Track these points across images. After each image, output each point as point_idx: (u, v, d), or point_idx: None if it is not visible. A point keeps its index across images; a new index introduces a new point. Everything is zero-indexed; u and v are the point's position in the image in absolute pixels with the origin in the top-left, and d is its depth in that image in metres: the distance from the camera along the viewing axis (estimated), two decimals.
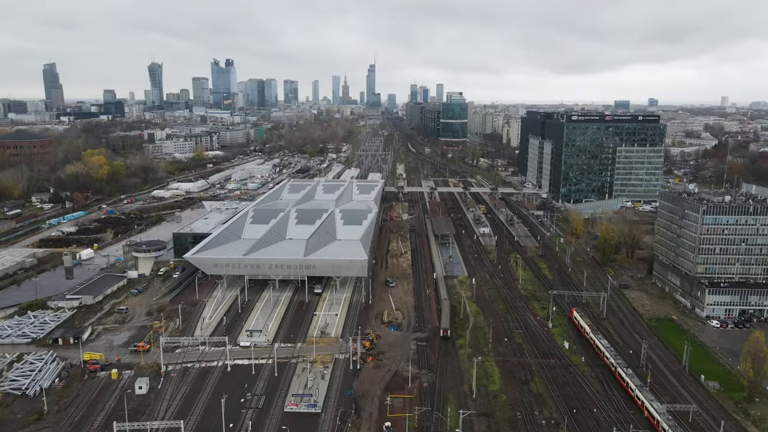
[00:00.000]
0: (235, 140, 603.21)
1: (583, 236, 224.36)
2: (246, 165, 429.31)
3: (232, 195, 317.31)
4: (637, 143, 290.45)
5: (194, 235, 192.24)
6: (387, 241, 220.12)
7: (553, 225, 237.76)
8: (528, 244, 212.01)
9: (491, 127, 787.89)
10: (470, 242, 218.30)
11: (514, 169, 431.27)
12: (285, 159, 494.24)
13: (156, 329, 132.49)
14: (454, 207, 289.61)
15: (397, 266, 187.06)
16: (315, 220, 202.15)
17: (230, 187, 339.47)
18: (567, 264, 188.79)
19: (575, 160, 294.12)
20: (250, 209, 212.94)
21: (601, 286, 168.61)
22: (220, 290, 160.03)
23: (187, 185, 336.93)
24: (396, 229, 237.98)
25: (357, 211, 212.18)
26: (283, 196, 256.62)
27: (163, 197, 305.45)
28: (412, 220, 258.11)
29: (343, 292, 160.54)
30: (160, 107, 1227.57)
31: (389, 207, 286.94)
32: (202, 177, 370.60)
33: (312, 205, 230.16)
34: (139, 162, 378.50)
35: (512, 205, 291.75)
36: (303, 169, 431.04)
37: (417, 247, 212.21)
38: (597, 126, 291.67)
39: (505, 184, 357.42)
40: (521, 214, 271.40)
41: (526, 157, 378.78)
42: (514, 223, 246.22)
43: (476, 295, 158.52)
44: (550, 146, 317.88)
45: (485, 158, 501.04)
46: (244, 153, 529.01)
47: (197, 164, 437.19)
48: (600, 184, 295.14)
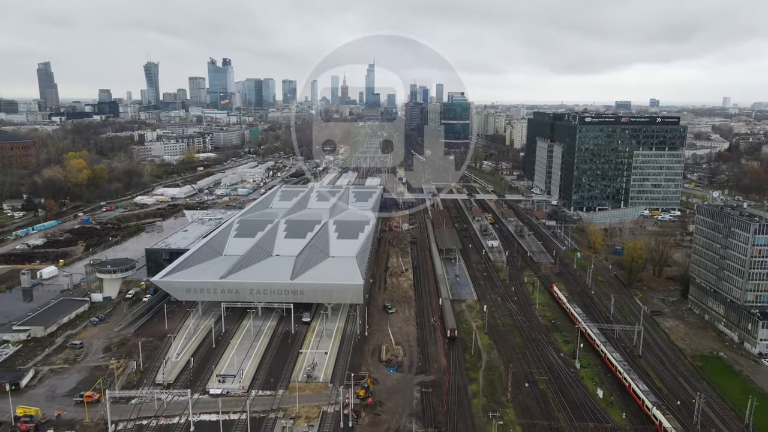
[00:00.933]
0: (229, 141, 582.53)
1: (602, 250, 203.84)
2: (238, 168, 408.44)
3: (220, 202, 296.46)
4: (655, 147, 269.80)
5: (170, 251, 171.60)
6: (386, 255, 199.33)
7: (569, 238, 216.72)
8: (542, 260, 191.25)
9: (493, 128, 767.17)
10: (478, 257, 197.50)
11: (520, 173, 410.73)
12: (279, 161, 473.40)
13: (112, 371, 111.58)
14: (458, 215, 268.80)
15: (397, 287, 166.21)
16: (306, 233, 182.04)
17: (219, 193, 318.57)
18: (588, 284, 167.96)
19: (588, 165, 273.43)
20: (235, 220, 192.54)
21: (630, 312, 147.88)
22: (194, 319, 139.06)
23: (174, 191, 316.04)
24: (396, 241, 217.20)
25: (353, 223, 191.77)
26: (274, 204, 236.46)
27: (146, 204, 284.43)
28: (414, 231, 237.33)
29: (335, 321, 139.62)
30: (155, 107, 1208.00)
31: (388, 215, 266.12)
32: (191, 181, 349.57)
33: (304, 215, 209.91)
34: (124, 165, 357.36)
35: (521, 214, 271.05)
36: (298, 172, 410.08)
37: (419, 263, 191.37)
38: (612, 128, 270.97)
39: (511, 189, 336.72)
40: (531, 223, 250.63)
41: (532, 160, 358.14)
42: (525, 235, 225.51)
43: (488, 324, 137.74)
44: (560, 150, 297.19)
45: (488, 161, 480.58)
46: (238, 155, 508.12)
47: (187, 167, 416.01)
48: (615, 191, 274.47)
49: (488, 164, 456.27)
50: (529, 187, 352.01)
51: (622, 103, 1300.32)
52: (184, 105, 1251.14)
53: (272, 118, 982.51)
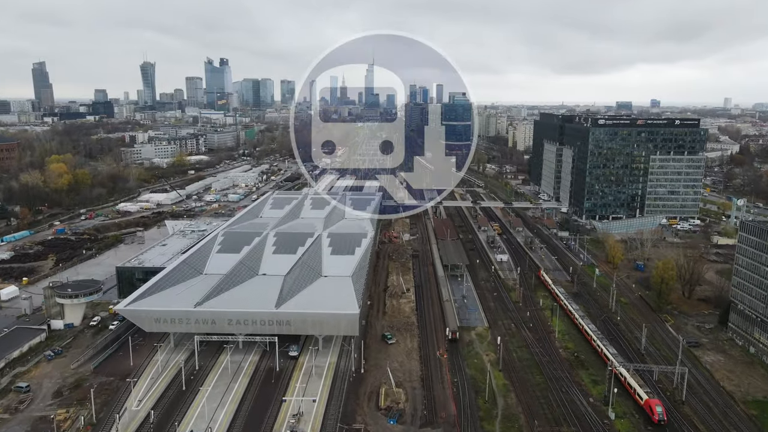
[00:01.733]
0: (224, 143, 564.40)
1: (622, 265, 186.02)
2: (230, 172, 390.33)
3: (208, 209, 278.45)
4: (673, 151, 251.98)
5: (144, 269, 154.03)
6: (385, 271, 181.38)
7: (585, 252, 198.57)
8: (558, 278, 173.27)
9: (495, 129, 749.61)
10: (486, 274, 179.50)
11: (525, 177, 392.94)
12: (275, 165, 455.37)
13: (58, 424, 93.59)
14: (462, 225, 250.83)
15: (398, 311, 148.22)
16: (297, 247, 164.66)
17: (208, 199, 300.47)
18: (612, 307, 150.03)
19: (602, 170, 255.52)
20: (220, 233, 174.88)
21: (663, 343, 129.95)
22: (164, 353, 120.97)
23: (160, 197, 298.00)
24: (396, 254, 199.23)
25: (349, 236, 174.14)
26: (264, 213, 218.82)
27: (128, 212, 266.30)
28: (415, 242, 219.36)
29: (327, 356, 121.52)
30: (151, 108, 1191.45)
31: (387, 224, 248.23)
32: (178, 187, 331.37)
33: (296, 226, 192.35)
34: (109, 169, 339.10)
35: (529, 223, 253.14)
36: (293, 176, 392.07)
37: (422, 280, 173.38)
38: (627, 131, 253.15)
39: (517, 195, 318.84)
40: (541, 234, 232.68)
41: (539, 164, 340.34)
42: (536, 248, 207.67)
43: (502, 359, 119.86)
44: (570, 153, 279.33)
45: (491, 163, 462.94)
46: (232, 157, 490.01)
47: (177, 171, 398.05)
48: (630, 198, 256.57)
49: (491, 167, 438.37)
50: (536, 193, 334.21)
51: (623, 104, 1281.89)
52: (181, 105, 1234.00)
53: (270, 119, 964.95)
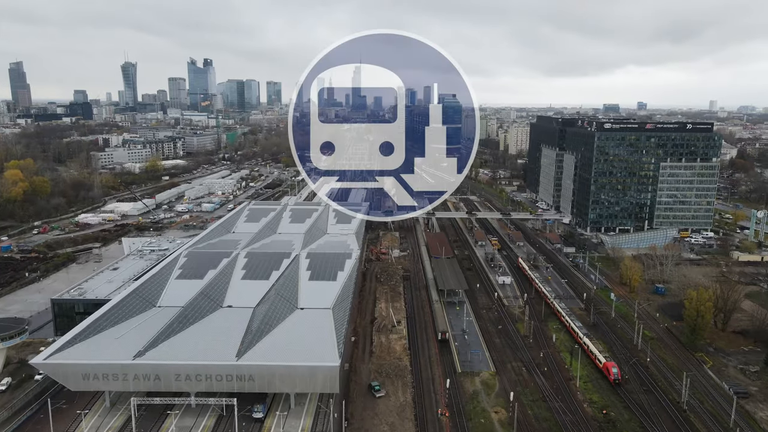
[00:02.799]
0: (203, 147, 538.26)
1: (639, 287, 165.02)
2: (207, 178, 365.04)
3: (178, 220, 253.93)
4: (685, 157, 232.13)
5: (85, 302, 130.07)
6: (372, 297, 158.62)
7: (596, 272, 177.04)
8: (570, 305, 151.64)
9: (485, 131, 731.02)
10: (487, 300, 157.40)
11: (520, 183, 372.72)
12: (256, 170, 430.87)
13: None
14: (457, 239, 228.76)
15: (388, 350, 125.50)
16: (270, 271, 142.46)
17: (180, 209, 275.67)
18: (637, 343, 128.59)
19: (608, 178, 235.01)
20: (183, 253, 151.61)
21: (706, 394, 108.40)
22: (96, 416, 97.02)
23: (127, 206, 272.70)
24: (385, 275, 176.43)
25: (331, 257, 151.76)
26: (238, 228, 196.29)
27: (89, 224, 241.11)
28: (406, 260, 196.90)
29: (299, 418, 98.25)
30: (133, 109, 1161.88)
31: (375, 238, 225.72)
32: (149, 194, 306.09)
33: (271, 245, 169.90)
34: (72, 176, 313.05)
35: (530, 236, 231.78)
36: (274, 182, 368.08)
37: (415, 309, 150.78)
38: (635, 136, 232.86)
39: (514, 204, 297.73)
40: (545, 249, 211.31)
41: (536, 170, 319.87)
42: (540, 266, 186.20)
43: (516, 419, 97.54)
44: (572, 160, 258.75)
45: (484, 168, 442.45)
46: (211, 162, 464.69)
47: (151, 177, 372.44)
48: (638, 209, 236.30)
49: (484, 173, 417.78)
50: (534, 201, 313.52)
51: (610, 106, 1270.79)
52: (163, 107, 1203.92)
53: (254, 121, 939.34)
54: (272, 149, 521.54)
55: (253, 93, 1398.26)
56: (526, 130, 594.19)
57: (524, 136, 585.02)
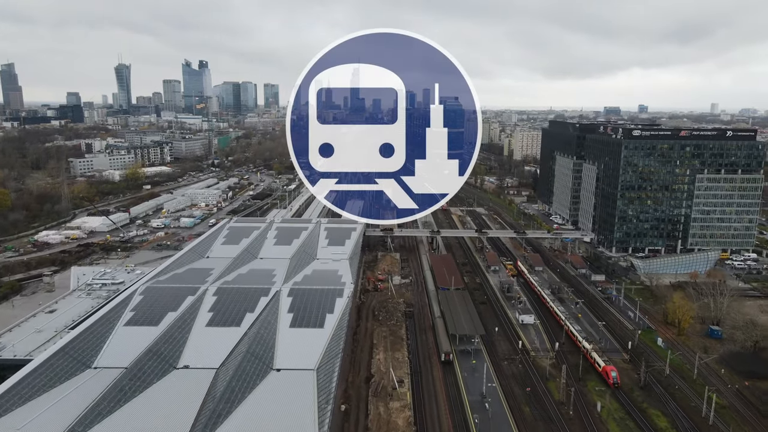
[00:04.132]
0: (192, 152, 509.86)
1: (690, 329, 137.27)
2: (190, 188, 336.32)
3: (152, 238, 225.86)
4: (724, 169, 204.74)
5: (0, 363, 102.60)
6: (368, 344, 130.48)
7: (636, 310, 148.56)
8: (610, 352, 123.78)
9: (488, 136, 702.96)
10: (508, 347, 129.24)
11: (530, 194, 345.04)
12: (245, 177, 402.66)
13: None
14: (466, 261, 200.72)
15: (387, 426, 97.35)
16: (243, 314, 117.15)
17: (155, 224, 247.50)
18: (707, 416, 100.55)
19: (636, 192, 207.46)
20: (140, 289, 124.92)
21: None
22: None
23: (97, 221, 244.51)
24: (383, 312, 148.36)
25: (318, 295, 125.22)
26: (214, 251, 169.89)
27: (48, 243, 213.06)
28: (408, 290, 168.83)
29: None
30: (126, 111, 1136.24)
31: (372, 261, 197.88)
32: (123, 207, 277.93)
33: (248, 276, 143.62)
34: (40, 186, 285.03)
35: (548, 257, 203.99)
36: (264, 192, 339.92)
37: (420, 362, 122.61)
38: (669, 144, 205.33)
39: (526, 218, 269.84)
40: (567, 275, 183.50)
41: (549, 179, 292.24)
42: (566, 300, 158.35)
43: None
44: (593, 170, 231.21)
45: (490, 175, 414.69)
46: (199, 168, 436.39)
47: (131, 185, 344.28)
48: (670, 226, 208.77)
49: (490, 181, 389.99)
50: (547, 214, 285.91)
51: (611, 109, 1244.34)
52: (158, 110, 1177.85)
53: (249, 124, 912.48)
54: (265, 155, 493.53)
55: (250, 95, 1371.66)
56: (532, 134, 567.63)
57: (530, 141, 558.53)
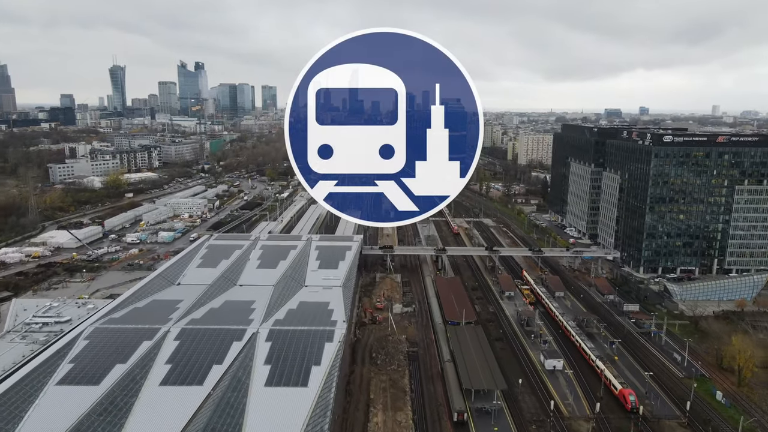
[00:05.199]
0: (182, 156, 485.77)
1: (752, 378, 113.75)
2: (174, 196, 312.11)
3: (123, 257, 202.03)
4: (767, 179, 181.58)
5: None
6: (363, 400, 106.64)
7: (686, 355, 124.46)
8: (662, 413, 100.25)
9: (490, 139, 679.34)
10: (534, 405, 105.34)
11: (540, 202, 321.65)
12: (236, 184, 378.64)
13: None
14: (476, 285, 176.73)
15: None
16: (210, 367, 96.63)
17: (130, 239, 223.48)
18: None
19: (668, 205, 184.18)
20: (85, 333, 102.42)
21: None
22: None
23: (66, 236, 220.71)
24: (382, 354, 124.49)
25: (303, 338, 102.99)
26: (186, 277, 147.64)
27: (4, 263, 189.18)
28: (411, 323, 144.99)
29: None
30: (120, 114, 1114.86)
31: (370, 284, 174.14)
32: (99, 218, 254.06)
33: (222, 312, 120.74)
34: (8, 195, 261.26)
35: (568, 280, 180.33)
36: (254, 201, 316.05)
37: (426, 426, 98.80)
38: (704, 151, 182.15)
39: (538, 231, 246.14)
40: (592, 303, 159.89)
41: (562, 188, 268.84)
42: (596, 334, 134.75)
43: None
44: (616, 179, 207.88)
45: (495, 181, 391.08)
46: (188, 174, 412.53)
47: (112, 193, 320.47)
48: (705, 244, 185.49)
49: (496, 188, 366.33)
50: (560, 226, 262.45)
51: (612, 111, 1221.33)
52: (153, 112, 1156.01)
53: (245, 127, 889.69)
54: (258, 159, 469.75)
55: (246, 97, 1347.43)
56: (538, 138, 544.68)
57: (535, 145, 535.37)
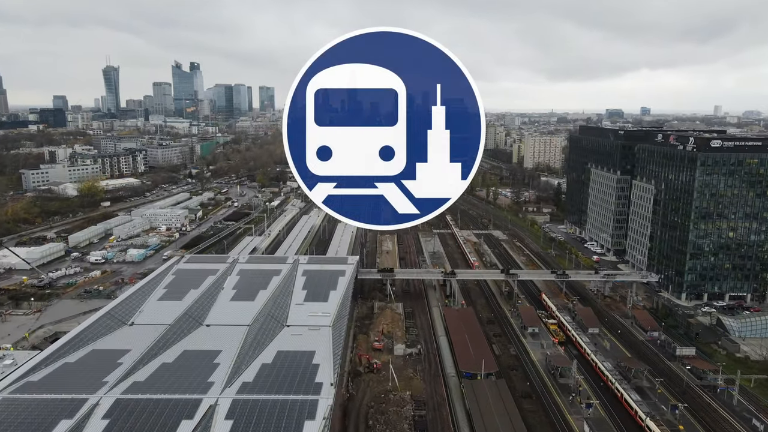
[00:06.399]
0: (170, 160, 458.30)
1: None
2: (151, 206, 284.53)
3: (82, 281, 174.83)
4: None
5: None
6: None
7: (765, 421, 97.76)
8: None
9: (493, 141, 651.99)
10: None
11: (552, 210, 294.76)
12: (224, 191, 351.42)
13: None
14: (492, 317, 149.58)
15: None
16: None
17: (95, 258, 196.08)
18: None
19: (715, 222, 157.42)
20: None
21: None
22: None
23: (22, 252, 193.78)
24: (381, 421, 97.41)
25: (277, 414, 75.38)
26: (143, 314, 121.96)
27: None
28: (416, 372, 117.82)
29: None
30: (113, 115, 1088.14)
31: (367, 316, 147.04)
32: (65, 233, 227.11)
33: (173, 371, 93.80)
34: None
35: (599, 308, 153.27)
36: (241, 211, 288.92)
37: None
38: (758, 158, 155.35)
39: (555, 245, 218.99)
40: (632, 341, 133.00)
41: (580, 197, 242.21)
42: (647, 389, 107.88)
43: None
44: (649, 190, 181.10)
45: (503, 187, 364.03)
46: (173, 180, 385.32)
47: (88, 202, 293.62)
48: (759, 267, 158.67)
49: (504, 194, 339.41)
50: (579, 239, 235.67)
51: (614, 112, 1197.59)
52: (147, 113, 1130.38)
53: (240, 129, 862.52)
54: (249, 164, 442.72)
55: (243, 98, 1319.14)
56: (544, 140, 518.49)
57: (542, 147, 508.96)
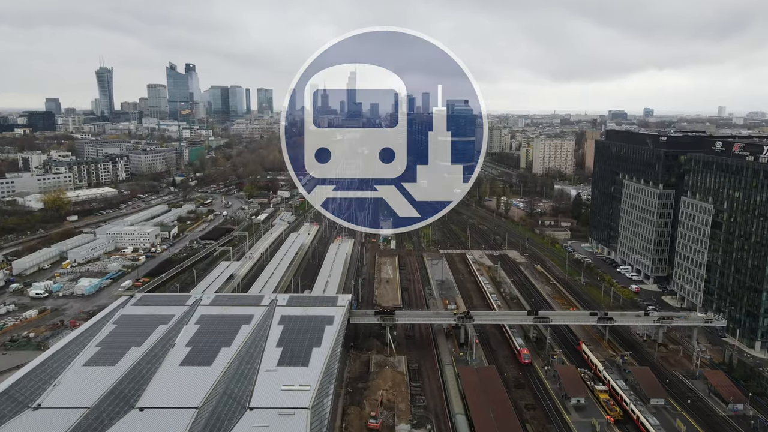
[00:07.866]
0: (153, 167, 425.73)
1: None
2: (121, 221, 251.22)
3: (10, 325, 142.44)
4: None
5: None
6: None
7: None
8: None
9: (498, 144, 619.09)
10: None
11: (571, 224, 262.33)
12: (207, 202, 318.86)
13: None
14: (522, 379, 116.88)
15: None
16: None
17: (36, 292, 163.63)
18: None
19: None
20: None
21: None
22: None
23: None
24: None
25: None
26: (55, 394, 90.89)
27: None
28: None
29: None
30: (106, 118, 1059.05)
31: (361, 376, 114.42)
32: (12, 257, 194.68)
33: None
34: None
35: (656, 365, 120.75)
36: (222, 226, 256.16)
37: None
38: None
39: (583, 268, 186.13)
40: (711, 418, 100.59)
41: (610, 212, 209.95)
42: None
43: None
44: (707, 209, 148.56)
45: (515, 197, 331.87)
46: (154, 189, 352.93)
47: (52, 217, 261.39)
48: None
49: (517, 205, 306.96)
50: (609, 261, 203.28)
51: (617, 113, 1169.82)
52: (141, 116, 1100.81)
53: (236, 131, 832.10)
54: (239, 170, 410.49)
55: (239, 100, 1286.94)
56: (555, 143, 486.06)
57: (553, 151, 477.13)
